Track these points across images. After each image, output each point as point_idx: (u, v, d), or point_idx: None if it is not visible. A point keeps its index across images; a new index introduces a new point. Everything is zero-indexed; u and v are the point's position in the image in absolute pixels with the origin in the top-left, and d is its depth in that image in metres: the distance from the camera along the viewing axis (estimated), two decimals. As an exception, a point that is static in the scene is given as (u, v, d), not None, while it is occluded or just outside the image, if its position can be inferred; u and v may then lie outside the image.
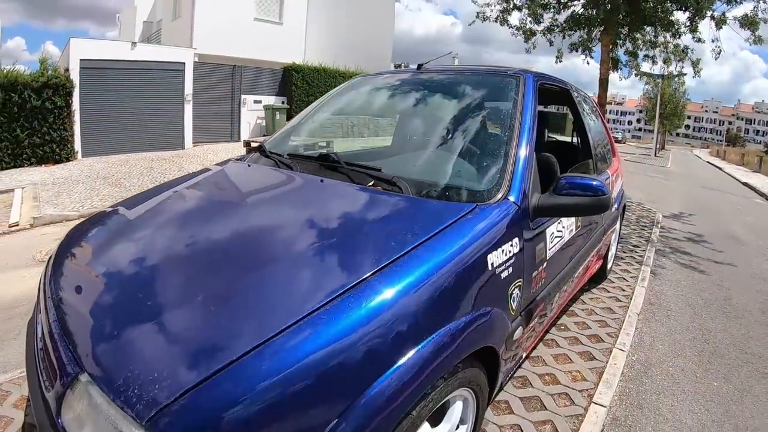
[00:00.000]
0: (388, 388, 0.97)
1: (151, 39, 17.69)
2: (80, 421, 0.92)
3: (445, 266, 1.18)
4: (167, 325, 1.02)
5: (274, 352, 0.89)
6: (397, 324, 1.03)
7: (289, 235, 1.36)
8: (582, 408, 2.08)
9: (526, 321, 1.59)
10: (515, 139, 1.64)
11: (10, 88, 8.75)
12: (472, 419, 1.47)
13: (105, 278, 1.28)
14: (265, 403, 0.84)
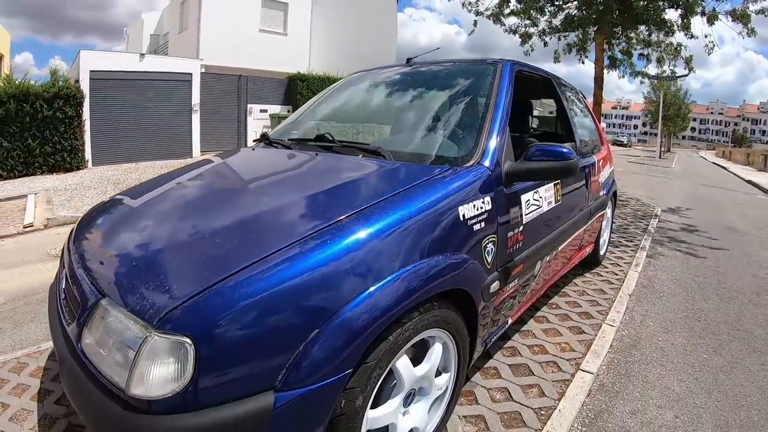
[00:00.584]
0: (361, 309, 1.10)
1: (158, 51, 18.11)
2: (100, 339, 1.07)
3: (419, 210, 1.34)
4: (172, 255, 1.21)
5: (261, 271, 1.05)
6: (372, 256, 1.18)
7: (281, 190, 1.59)
8: (569, 374, 2.16)
9: (503, 278, 1.71)
10: (490, 115, 1.81)
11: (22, 99, 9.05)
12: (455, 368, 1.58)
13: (120, 228, 1.50)
14: (254, 311, 0.99)
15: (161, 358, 0.95)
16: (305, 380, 1.02)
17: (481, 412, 1.86)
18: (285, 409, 0.99)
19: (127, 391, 0.96)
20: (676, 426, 1.87)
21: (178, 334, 0.94)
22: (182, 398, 0.94)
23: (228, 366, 0.96)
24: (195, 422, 0.93)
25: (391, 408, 1.33)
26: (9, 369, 2.14)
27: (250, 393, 0.97)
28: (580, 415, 1.90)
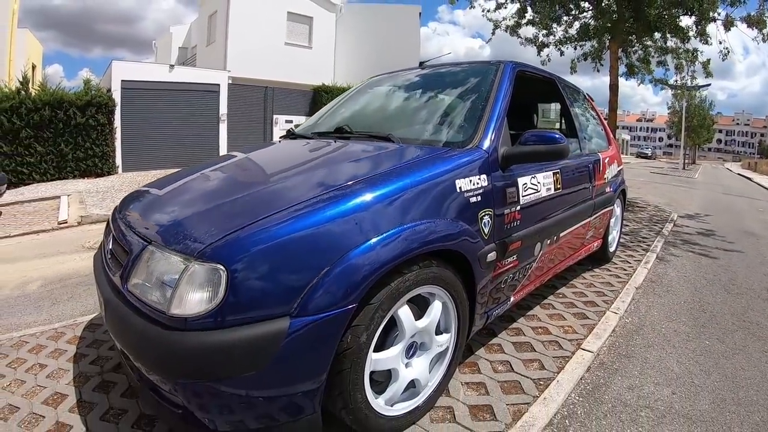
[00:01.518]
0: (366, 255, 1.30)
1: (186, 63, 18.85)
2: (145, 277, 1.29)
3: (420, 180, 1.55)
4: (208, 210, 1.47)
5: (283, 219, 1.27)
6: (377, 213, 1.38)
7: (301, 164, 1.85)
8: (570, 352, 2.26)
9: (501, 251, 1.86)
10: (489, 108, 2.03)
11: (56, 106, 9.57)
12: (455, 330, 1.74)
13: (160, 197, 1.75)
14: (276, 249, 1.21)
15: (198, 282, 1.16)
16: (316, 310, 1.20)
17: (482, 380, 1.99)
18: (297, 333, 1.18)
19: (167, 312, 1.16)
20: (672, 401, 1.95)
21: (214, 262, 1.15)
22: (213, 317, 1.13)
23: (253, 292, 1.16)
24: (222, 338, 1.13)
25: (393, 353, 1.49)
26: (47, 337, 2.38)
27: (270, 317, 1.17)
28: (578, 387, 2.00)
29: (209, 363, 1.13)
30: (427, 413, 1.72)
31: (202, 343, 1.12)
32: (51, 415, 1.69)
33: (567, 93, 3.06)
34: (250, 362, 1.15)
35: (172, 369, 1.16)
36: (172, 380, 1.18)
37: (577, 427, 1.73)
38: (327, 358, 1.26)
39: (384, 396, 1.51)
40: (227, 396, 1.17)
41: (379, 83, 2.96)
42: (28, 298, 3.14)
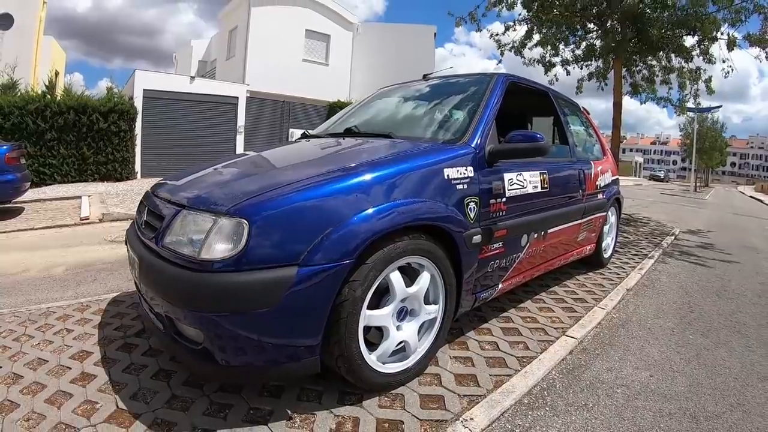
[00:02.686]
0: (364, 222, 1.54)
1: (205, 76, 19.48)
2: (179, 234, 1.55)
3: (413, 167, 1.83)
4: (234, 182, 1.83)
5: (298, 188, 1.56)
6: (375, 190, 1.65)
7: (312, 153, 2.21)
8: (554, 338, 2.42)
9: (486, 235, 2.07)
10: (479, 112, 2.30)
11: (80, 110, 9.98)
12: (442, 302, 1.94)
13: (191, 175, 2.05)
14: (290, 210, 1.48)
15: (225, 234, 1.42)
16: (319, 261, 1.44)
17: (469, 356, 2.16)
18: (303, 279, 1.41)
19: (197, 257, 1.42)
20: (649, 382, 2.07)
21: (238, 217, 1.42)
22: (235, 261, 1.38)
23: (269, 244, 1.41)
24: (241, 278, 1.37)
25: (385, 312, 1.71)
26: (73, 309, 2.60)
27: (282, 264, 1.41)
28: (559, 366, 2.15)
29: (230, 298, 1.36)
30: (416, 377, 1.90)
31: (225, 282, 1.36)
32: (77, 367, 1.89)
33: (559, 105, 3.31)
34: (263, 300, 1.38)
35: (199, 302, 1.39)
36: (198, 313, 1.40)
37: (554, 397, 1.88)
38: (327, 304, 1.48)
39: (376, 353, 1.71)
40: (241, 331, 1.39)
41: (387, 93, 3.26)
42: (53, 279, 3.36)
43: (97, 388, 1.71)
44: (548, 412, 1.77)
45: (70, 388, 1.71)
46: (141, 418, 1.52)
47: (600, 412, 1.79)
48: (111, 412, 1.55)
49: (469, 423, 1.62)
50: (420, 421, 1.63)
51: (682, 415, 1.81)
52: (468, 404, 1.75)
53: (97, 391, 1.70)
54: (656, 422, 1.75)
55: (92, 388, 1.72)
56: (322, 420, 1.58)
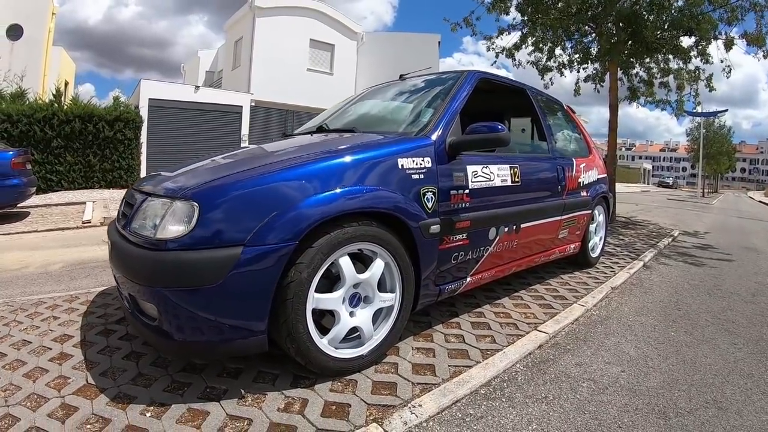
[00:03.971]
0: (310, 207, 1.60)
1: (213, 86, 19.79)
2: (142, 217, 1.64)
3: (366, 157, 1.86)
4: (192, 173, 1.87)
5: (247, 176, 1.64)
6: (325, 177, 1.70)
7: (278, 147, 2.31)
8: (524, 332, 2.37)
9: (446, 225, 2.07)
10: (443, 106, 2.33)
11: (86, 119, 10.19)
12: (399, 290, 1.93)
13: (162, 172, 2.08)
14: (238, 195, 1.56)
15: (177, 215, 1.52)
16: (263, 242, 1.51)
17: (432, 347, 2.12)
18: (247, 260, 1.48)
19: (154, 237, 1.52)
20: (619, 377, 2.00)
21: (190, 200, 1.52)
22: (187, 240, 1.47)
23: (217, 225, 1.49)
24: (190, 256, 1.46)
25: (335, 296, 1.73)
26: (63, 299, 2.69)
27: (228, 244, 1.49)
28: (524, 359, 2.10)
29: (179, 274, 1.46)
30: (373, 365, 1.90)
31: (176, 259, 1.46)
32: (57, 348, 2.01)
33: (538, 102, 3.29)
34: (208, 277, 1.46)
35: (153, 278, 1.49)
36: (152, 288, 1.50)
37: (513, 389, 1.83)
38: (270, 284, 1.53)
39: (328, 337, 1.74)
40: (189, 306, 1.47)
41: (365, 93, 3.31)
42: (49, 275, 3.48)
43: (72, 366, 1.83)
44: (504, 403, 1.73)
45: (48, 366, 1.82)
46: (106, 392, 1.63)
47: (560, 405, 1.74)
48: (80, 386, 1.66)
49: (417, 409, 1.59)
50: (368, 405, 1.62)
51: (650, 411, 1.74)
52: (420, 392, 1.73)
53: (72, 368, 1.81)
54: (620, 417, 1.68)
55: (67, 366, 1.83)
56: (272, 400, 1.62)
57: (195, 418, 1.49)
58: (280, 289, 1.56)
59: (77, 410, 1.50)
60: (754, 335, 2.62)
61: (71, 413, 1.49)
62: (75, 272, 3.56)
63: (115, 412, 1.50)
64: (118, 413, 1.50)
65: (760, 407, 1.80)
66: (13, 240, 5.11)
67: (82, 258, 4.08)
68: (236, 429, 1.44)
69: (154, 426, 1.43)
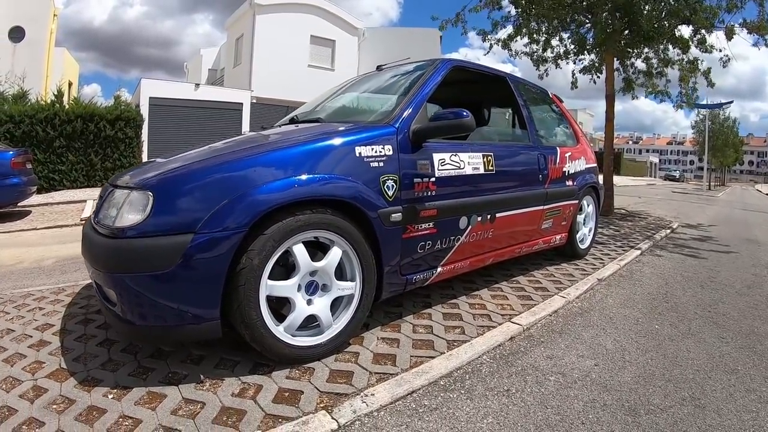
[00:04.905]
0: (258, 195, 1.61)
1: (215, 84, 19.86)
2: (107, 207, 1.71)
3: (323, 147, 1.88)
4: (161, 164, 1.85)
5: (197, 167, 1.68)
6: (278, 166, 1.72)
7: (240, 140, 2.22)
8: (497, 324, 2.31)
9: (409, 214, 2.03)
10: (411, 94, 2.30)
11: (87, 118, 10.25)
12: (360, 279, 1.91)
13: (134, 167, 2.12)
14: (190, 185, 1.61)
15: (134, 204, 1.58)
16: (213, 230, 1.54)
17: (398, 338, 2.09)
18: (197, 246, 1.52)
19: (113, 225, 1.59)
20: (591, 371, 1.92)
21: (145, 190, 1.58)
22: (142, 228, 1.53)
23: (170, 212, 1.55)
24: (144, 242, 1.52)
25: (289, 284, 1.73)
26: (50, 291, 2.78)
27: (180, 231, 1.53)
28: (492, 351, 2.05)
29: (135, 260, 1.51)
30: (333, 354, 1.89)
31: (131, 246, 1.52)
32: (37, 335, 2.09)
33: (519, 90, 3.21)
34: (162, 263, 1.50)
35: (112, 264, 1.56)
36: (111, 274, 1.56)
37: (475, 381, 1.78)
38: (221, 270, 1.56)
39: (284, 324, 1.74)
40: (144, 291, 1.52)
41: (342, 85, 3.27)
42: (41, 270, 3.56)
43: (48, 352, 1.91)
44: (462, 395, 1.68)
45: (26, 351, 1.92)
46: (75, 375, 1.70)
47: (521, 398, 1.68)
48: (53, 370, 1.75)
49: (369, 398, 1.57)
50: (320, 393, 1.61)
51: (619, 407, 1.65)
52: (376, 382, 1.70)
53: (48, 354, 1.89)
54: (585, 413, 1.60)
55: (44, 352, 1.91)
56: (228, 385, 1.65)
57: (153, 400, 1.54)
58: (233, 276, 1.58)
59: (47, 392, 1.58)
60: (744, 329, 2.52)
61: (41, 394, 1.57)
62: (66, 267, 3.63)
63: (80, 394, 1.57)
64: (83, 395, 1.56)
65: (742, 405, 1.70)
66: (12, 237, 5.21)
67: (75, 253, 4.11)
68: (189, 412, 1.48)
69: (114, 407, 1.49)
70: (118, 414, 1.45)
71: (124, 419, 1.43)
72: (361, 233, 1.86)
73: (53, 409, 1.48)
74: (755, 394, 1.79)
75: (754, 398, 1.76)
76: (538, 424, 1.53)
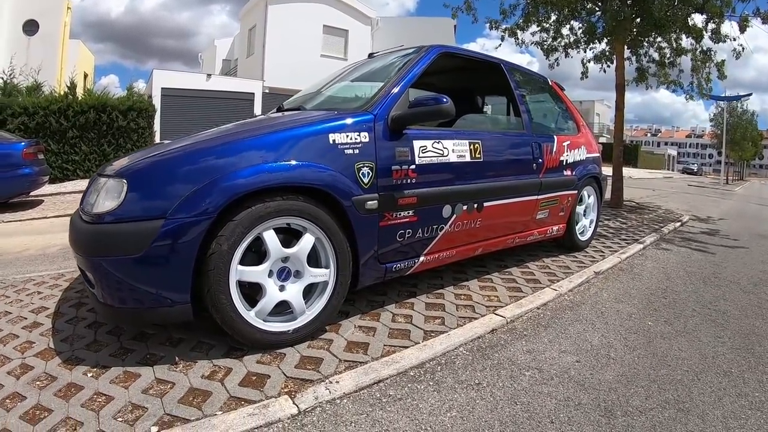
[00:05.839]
0: (227, 182, 1.62)
1: (229, 74, 19.95)
2: (89, 197, 1.75)
3: (297, 134, 1.87)
4: (143, 153, 1.91)
5: (170, 156, 1.73)
6: (250, 154, 1.72)
7: (222, 129, 2.19)
8: (480, 315, 2.26)
9: (386, 201, 2.00)
10: (393, 80, 2.27)
11: (100, 109, 10.40)
12: (333, 266, 1.89)
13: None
14: (162, 173, 1.66)
15: (110, 191, 1.64)
16: (183, 215, 1.57)
17: (375, 326, 2.07)
18: (167, 232, 1.55)
19: (92, 211, 1.65)
20: (571, 367, 1.85)
21: (120, 178, 1.64)
22: (117, 214, 1.58)
23: (142, 199, 1.60)
24: (119, 228, 1.58)
25: (259, 269, 1.74)
26: (50, 277, 2.87)
27: (151, 218, 1.57)
28: (470, 343, 2.00)
29: (109, 244, 1.58)
30: (307, 340, 1.89)
31: (107, 231, 1.59)
32: (32, 318, 2.17)
33: (514, 77, 3.12)
34: (134, 247, 1.55)
35: (89, 248, 1.63)
36: (90, 258, 1.62)
37: (446, 373, 1.74)
38: (190, 255, 1.59)
39: (255, 309, 1.76)
40: (118, 273, 1.57)
41: (336, 73, 3.21)
42: (45, 256, 3.65)
43: (40, 333, 1.99)
44: (430, 386, 1.64)
45: (20, 332, 2.00)
46: (61, 355, 1.78)
47: (491, 393, 1.63)
48: (41, 350, 1.82)
49: (333, 386, 1.57)
50: (287, 378, 1.62)
51: (594, 407, 1.57)
52: (345, 369, 1.69)
53: (39, 335, 1.97)
54: (556, 411, 1.53)
55: (36, 332, 1.99)
56: (200, 367, 1.68)
57: (128, 379, 1.59)
58: (203, 261, 1.61)
59: (32, 369, 1.66)
60: (744, 328, 2.40)
61: (27, 372, 1.65)
62: (69, 254, 3.67)
63: (63, 372, 1.64)
64: (65, 373, 1.63)
65: (730, 411, 1.59)
66: (23, 225, 5.38)
67: (71, 242, 4.21)
68: (158, 391, 1.52)
69: (91, 384, 1.56)
70: (93, 391, 1.51)
71: (98, 396, 1.49)
72: (335, 220, 1.85)
73: (36, 385, 1.55)
74: (746, 399, 1.68)
75: (744, 403, 1.66)
76: (504, 420, 1.48)
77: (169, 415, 1.39)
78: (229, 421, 1.35)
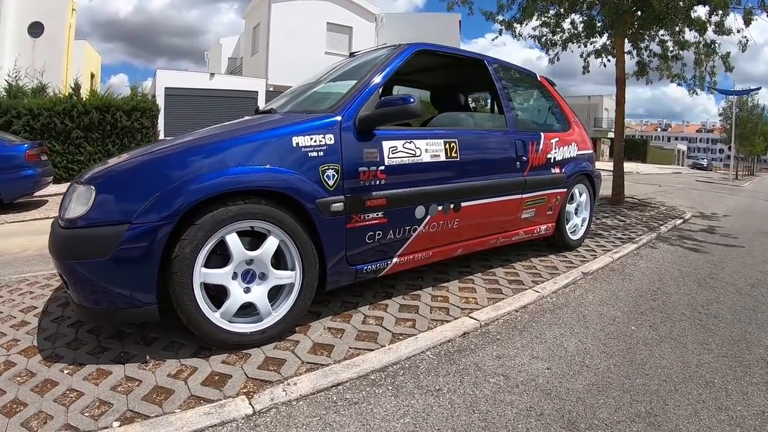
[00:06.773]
0: (188, 187, 1.65)
1: (234, 72, 20.03)
2: (65, 203, 1.79)
3: (259, 137, 1.89)
4: (112, 162, 1.92)
5: (136, 161, 1.81)
6: (210, 159, 1.75)
7: (196, 133, 2.22)
8: (453, 318, 2.21)
9: (353, 204, 1.99)
10: (363, 81, 2.23)
11: (104, 110, 10.49)
12: (300, 269, 1.90)
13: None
14: (127, 180, 1.72)
15: (79, 198, 1.71)
16: (146, 221, 1.62)
17: (344, 328, 2.04)
18: (132, 236, 1.60)
19: (62, 217, 1.74)
20: (538, 375, 1.77)
21: (88, 184, 1.71)
22: (84, 219, 1.65)
23: (109, 205, 1.67)
24: (88, 232, 1.64)
25: (223, 272, 1.77)
26: (43, 277, 2.92)
27: (117, 222, 1.63)
28: (438, 347, 1.95)
29: (78, 248, 1.65)
30: (273, 341, 1.90)
31: (76, 235, 1.66)
32: (20, 317, 2.25)
33: (497, 73, 3.05)
34: (101, 251, 1.61)
35: (60, 252, 1.71)
36: (62, 261, 1.70)
37: (407, 377, 1.71)
38: (154, 259, 1.64)
39: (220, 310, 1.79)
40: (88, 275, 1.64)
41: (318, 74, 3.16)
42: (42, 257, 3.65)
43: (26, 331, 2.06)
44: (389, 391, 1.61)
45: (7, 330, 2.07)
46: (42, 352, 1.85)
47: (450, 399, 1.59)
48: (25, 347, 1.90)
49: (290, 387, 1.58)
50: (247, 378, 1.64)
51: (558, 418, 1.50)
52: (305, 371, 1.69)
53: (25, 333, 2.04)
54: (515, 421, 1.47)
55: (23, 331, 2.07)
56: (168, 366, 1.73)
57: (100, 376, 1.66)
58: (168, 264, 1.66)
59: (15, 365, 1.74)
60: (734, 334, 2.28)
61: (9, 368, 1.72)
62: None
63: (42, 368, 1.72)
64: (43, 369, 1.71)
65: (706, 426, 1.49)
66: (25, 226, 5.46)
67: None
68: (126, 388, 1.58)
69: (65, 381, 1.63)
70: (66, 387, 1.58)
71: (71, 392, 1.56)
72: (300, 223, 1.85)
73: (16, 381, 1.63)
74: (726, 414, 1.57)
75: (723, 418, 1.55)
76: (458, 429, 1.43)
77: (132, 412, 1.44)
78: (186, 419, 1.39)
